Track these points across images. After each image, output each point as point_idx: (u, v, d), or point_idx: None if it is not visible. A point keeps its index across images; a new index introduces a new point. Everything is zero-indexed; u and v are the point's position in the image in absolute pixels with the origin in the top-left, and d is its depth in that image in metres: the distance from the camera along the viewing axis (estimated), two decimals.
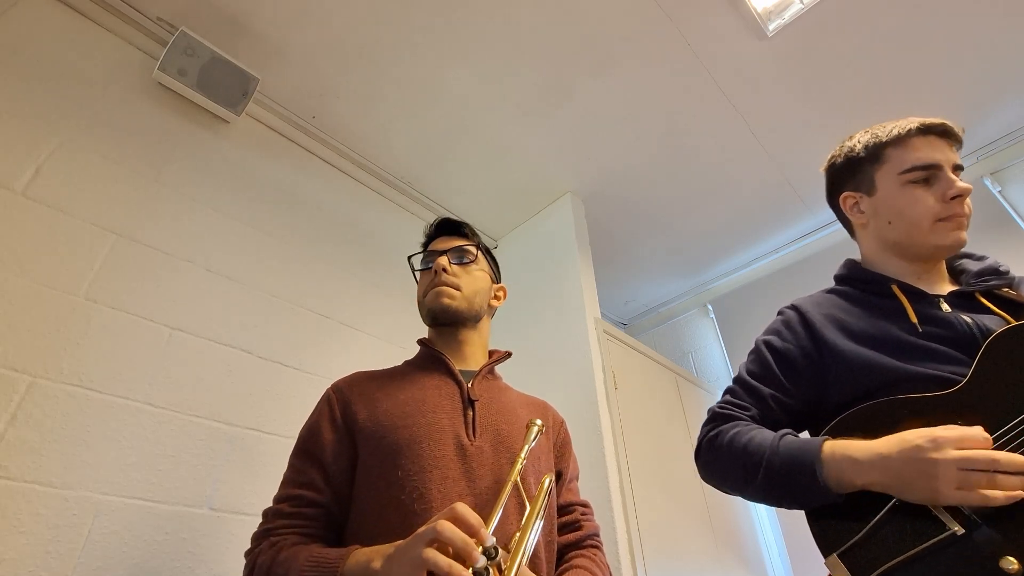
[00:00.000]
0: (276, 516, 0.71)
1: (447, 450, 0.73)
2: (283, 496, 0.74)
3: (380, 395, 0.81)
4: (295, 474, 0.75)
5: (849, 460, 0.64)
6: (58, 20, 1.42)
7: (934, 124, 0.81)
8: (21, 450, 1.00)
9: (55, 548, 0.97)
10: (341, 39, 1.65)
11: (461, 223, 0.99)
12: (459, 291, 0.89)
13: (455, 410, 0.79)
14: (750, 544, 2.04)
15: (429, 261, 0.94)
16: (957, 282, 0.82)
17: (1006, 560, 0.53)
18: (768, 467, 0.69)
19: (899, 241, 0.82)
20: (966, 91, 1.85)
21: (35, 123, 1.26)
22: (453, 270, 0.91)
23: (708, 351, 2.72)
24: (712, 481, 0.82)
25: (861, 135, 0.87)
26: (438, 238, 0.98)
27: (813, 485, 0.65)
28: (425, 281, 0.92)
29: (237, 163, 1.65)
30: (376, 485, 0.71)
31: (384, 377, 0.86)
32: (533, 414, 0.89)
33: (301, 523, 0.71)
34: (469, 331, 0.92)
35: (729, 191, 2.26)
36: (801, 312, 0.85)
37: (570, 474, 0.90)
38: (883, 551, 0.60)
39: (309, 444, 0.77)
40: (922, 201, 0.78)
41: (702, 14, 1.62)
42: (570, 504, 0.86)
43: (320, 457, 0.75)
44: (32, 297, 1.11)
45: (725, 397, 0.86)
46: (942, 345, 0.70)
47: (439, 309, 0.87)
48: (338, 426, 0.78)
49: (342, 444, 0.76)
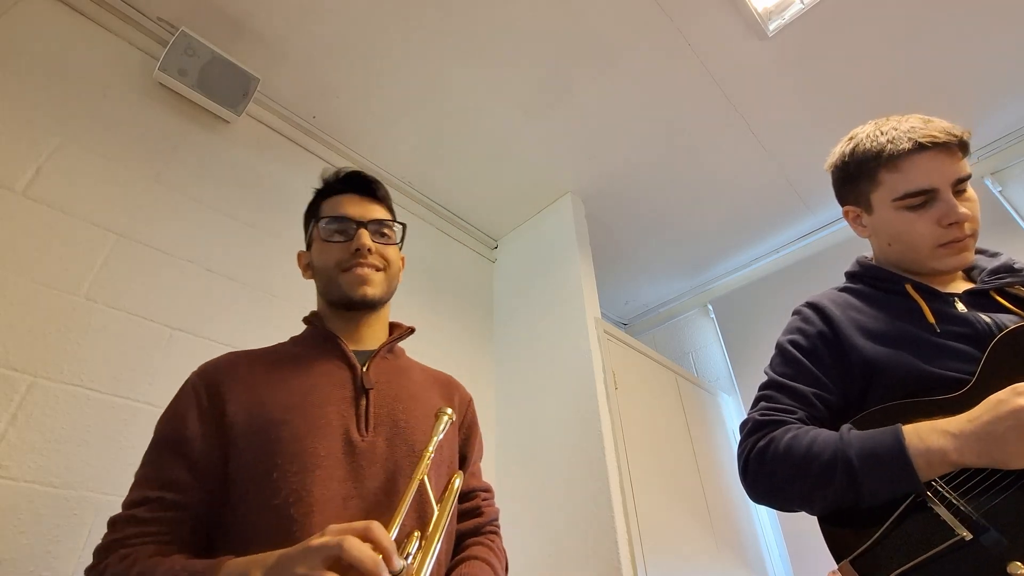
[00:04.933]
0: (128, 523, 0.59)
1: (333, 447, 0.64)
2: (137, 499, 0.61)
3: (257, 382, 0.69)
4: (153, 472, 0.63)
5: (944, 434, 0.59)
6: (58, 20, 1.42)
7: (932, 140, 0.74)
8: (22, 450, 1.00)
9: (56, 548, 0.97)
10: (341, 39, 1.65)
11: (376, 182, 0.85)
12: (381, 274, 0.79)
13: (345, 400, 0.69)
14: (750, 544, 2.04)
15: (346, 231, 0.79)
16: (970, 280, 0.80)
17: (1014, 565, 0.53)
18: (846, 463, 0.63)
19: (900, 261, 0.81)
20: (966, 91, 1.85)
21: (35, 123, 1.26)
22: (375, 248, 0.79)
23: (708, 351, 2.72)
24: (769, 498, 0.73)
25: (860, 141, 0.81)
26: (349, 196, 0.82)
27: (904, 473, 0.59)
28: (336, 253, 0.78)
29: (237, 163, 1.65)
30: (250, 486, 0.61)
31: (264, 360, 0.74)
32: (438, 394, 0.81)
33: (159, 530, 0.59)
34: (375, 313, 0.81)
35: (729, 191, 2.26)
36: (820, 308, 0.82)
37: (474, 457, 0.83)
38: (893, 557, 0.60)
39: (170, 437, 0.65)
40: (919, 227, 0.75)
41: (702, 14, 1.62)
42: (473, 490, 0.80)
43: (184, 451, 0.63)
44: (32, 297, 1.11)
45: (761, 404, 0.78)
46: (962, 343, 0.69)
47: (359, 298, 0.76)
48: (205, 417, 0.66)
49: (211, 437, 0.65)
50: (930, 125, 0.75)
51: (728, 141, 2.03)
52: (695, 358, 2.75)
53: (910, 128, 0.76)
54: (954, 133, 0.75)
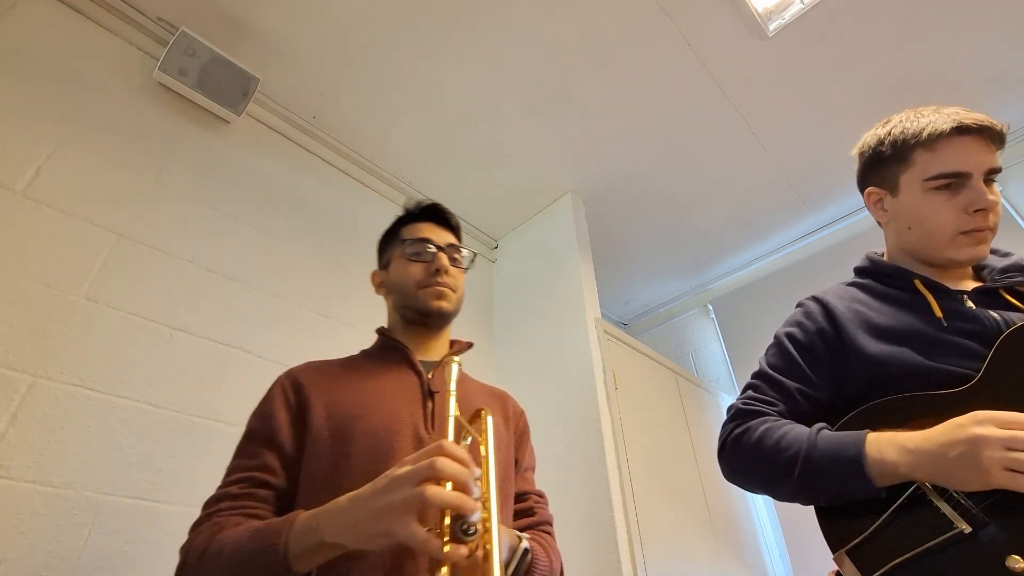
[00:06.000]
0: (221, 499, 0.65)
1: (404, 442, 0.70)
2: (232, 480, 0.67)
3: (336, 384, 0.77)
4: (246, 459, 0.69)
5: (901, 450, 0.61)
6: (58, 20, 1.42)
7: (972, 124, 0.74)
8: (22, 450, 1.00)
9: (56, 548, 0.97)
10: (342, 39, 1.65)
11: (451, 213, 0.96)
12: (455, 294, 0.88)
13: (414, 402, 0.76)
14: (750, 544, 2.04)
15: (427, 253, 0.88)
16: (980, 278, 0.80)
17: (1012, 559, 0.53)
18: (807, 461, 0.67)
19: (916, 248, 0.80)
20: (966, 90, 1.85)
21: (35, 123, 1.26)
22: (450, 270, 0.88)
23: (709, 351, 2.72)
24: (738, 479, 0.80)
25: (897, 124, 0.81)
26: (429, 224, 0.92)
27: (856, 479, 0.63)
28: (417, 272, 0.87)
29: (237, 163, 1.65)
30: (327, 475, 0.67)
31: (340, 366, 0.83)
32: (492, 405, 0.88)
33: (249, 504, 0.64)
34: (441, 328, 0.90)
35: (729, 191, 2.26)
36: (823, 303, 0.82)
37: (526, 463, 0.89)
38: (890, 548, 0.60)
39: (262, 428, 0.72)
40: (944, 211, 0.75)
41: (702, 14, 1.62)
42: (525, 493, 0.84)
43: (274, 441, 0.70)
44: (32, 297, 1.11)
45: (747, 393, 0.82)
46: (969, 340, 0.69)
47: (435, 311, 0.85)
48: (292, 411, 0.73)
49: (296, 430, 0.72)
50: (971, 113, 0.76)
51: (728, 141, 2.03)
52: (695, 358, 2.76)
53: (953, 112, 0.77)
54: (994, 124, 0.75)
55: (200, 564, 0.58)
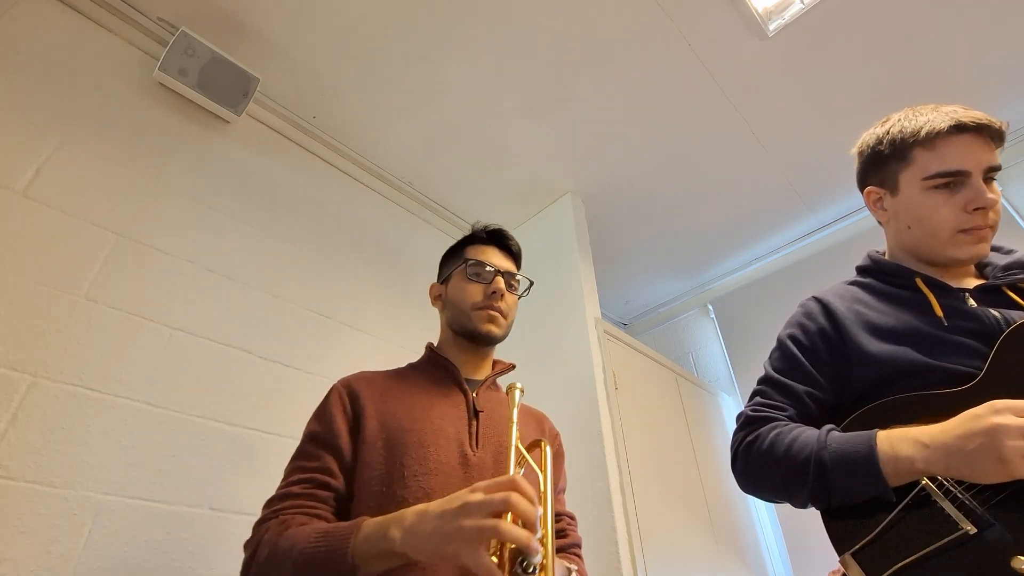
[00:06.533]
0: (283, 499, 0.68)
1: (451, 457, 0.74)
2: (294, 480, 0.70)
3: (388, 395, 0.81)
4: (306, 460, 0.72)
5: (916, 444, 0.60)
6: (58, 20, 1.41)
7: (970, 122, 0.74)
8: (22, 450, 1.00)
9: (56, 548, 0.97)
10: (341, 39, 1.64)
11: (514, 240, 0.99)
12: (506, 320, 0.91)
13: (460, 419, 0.80)
14: (750, 544, 2.04)
15: (487, 275, 0.91)
16: (983, 276, 0.80)
17: (1017, 560, 0.53)
18: (819, 464, 0.65)
19: (916, 247, 0.80)
20: (966, 90, 1.85)
21: (35, 123, 1.26)
22: (506, 296, 0.91)
23: (709, 351, 2.72)
24: (753, 488, 0.78)
25: (896, 123, 0.81)
26: (492, 248, 0.96)
27: (869, 477, 0.61)
28: (474, 293, 0.89)
29: (237, 163, 1.65)
30: (380, 482, 0.70)
31: (391, 378, 0.86)
32: (531, 426, 0.91)
33: (310, 504, 0.67)
34: (489, 348, 0.94)
35: (729, 191, 2.26)
36: (823, 303, 0.82)
37: (560, 485, 0.91)
38: (896, 550, 0.60)
39: (322, 432, 0.75)
40: (943, 210, 0.75)
41: (702, 14, 1.61)
42: (559, 514, 0.86)
43: (335, 444, 0.73)
44: (32, 297, 1.11)
45: (755, 399, 0.81)
46: (969, 339, 0.69)
47: (485, 334, 0.87)
48: (349, 419, 0.76)
49: (351, 436, 0.75)
50: (970, 111, 0.76)
51: (728, 141, 2.03)
52: (695, 358, 2.75)
53: (951, 110, 0.77)
54: (993, 122, 0.75)
55: (269, 560, 0.61)
